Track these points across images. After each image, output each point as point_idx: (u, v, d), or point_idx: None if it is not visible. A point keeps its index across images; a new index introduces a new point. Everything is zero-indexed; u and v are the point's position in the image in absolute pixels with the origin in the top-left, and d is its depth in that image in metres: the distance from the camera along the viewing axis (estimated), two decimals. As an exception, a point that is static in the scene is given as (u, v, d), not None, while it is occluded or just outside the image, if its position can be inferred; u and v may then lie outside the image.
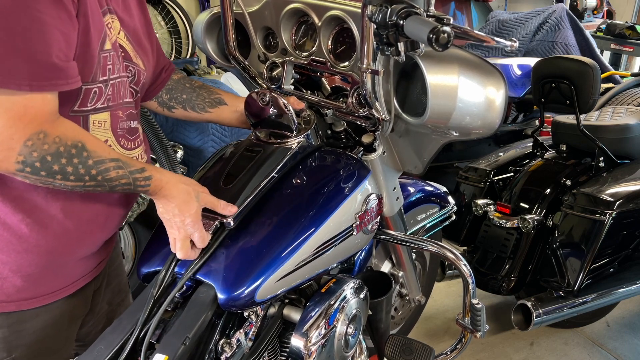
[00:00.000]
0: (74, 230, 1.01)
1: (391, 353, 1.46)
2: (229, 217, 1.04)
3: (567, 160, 2.39)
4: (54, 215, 0.98)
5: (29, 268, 0.99)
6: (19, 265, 0.97)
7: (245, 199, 1.07)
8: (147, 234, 2.22)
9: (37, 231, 0.96)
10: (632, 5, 5.85)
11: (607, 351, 2.35)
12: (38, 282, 1.01)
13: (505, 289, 2.24)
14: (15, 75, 0.79)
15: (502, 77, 1.10)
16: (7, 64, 0.78)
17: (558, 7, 4.01)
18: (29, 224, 0.95)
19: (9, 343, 1.03)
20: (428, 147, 1.28)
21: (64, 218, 0.99)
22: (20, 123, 0.81)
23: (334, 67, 1.25)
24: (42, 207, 0.96)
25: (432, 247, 1.44)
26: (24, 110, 0.81)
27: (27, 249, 0.97)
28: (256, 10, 1.33)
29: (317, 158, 1.22)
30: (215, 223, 1.04)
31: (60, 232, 0.99)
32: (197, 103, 1.30)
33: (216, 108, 1.31)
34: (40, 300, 1.03)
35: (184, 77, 1.32)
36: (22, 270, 0.98)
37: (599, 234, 2.05)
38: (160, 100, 1.29)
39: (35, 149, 0.82)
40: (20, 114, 0.81)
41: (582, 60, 2.27)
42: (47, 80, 0.82)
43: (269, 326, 1.14)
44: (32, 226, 0.96)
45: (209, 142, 2.50)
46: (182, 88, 1.30)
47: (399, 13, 0.96)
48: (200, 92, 1.31)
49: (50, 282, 1.04)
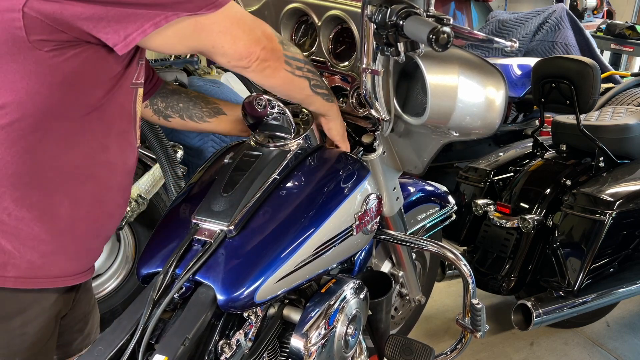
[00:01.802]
0: (83, 220, 1.02)
1: (391, 353, 1.46)
2: (230, 226, 1.04)
3: (567, 160, 2.39)
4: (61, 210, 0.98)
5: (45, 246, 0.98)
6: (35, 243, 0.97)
7: (245, 206, 1.07)
8: (147, 234, 2.22)
9: (46, 221, 0.97)
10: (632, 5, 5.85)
11: (607, 351, 2.35)
12: (51, 263, 1.01)
13: (505, 289, 2.24)
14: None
15: (502, 77, 1.10)
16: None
17: (558, 7, 4.01)
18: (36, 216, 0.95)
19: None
20: (428, 147, 1.28)
21: (72, 209, 0.99)
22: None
23: (333, 67, 1.25)
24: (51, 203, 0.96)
25: (432, 247, 1.44)
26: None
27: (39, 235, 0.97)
28: (256, 10, 1.33)
29: (317, 158, 1.22)
30: (217, 230, 1.04)
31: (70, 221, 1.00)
32: (194, 112, 1.29)
33: (215, 118, 1.31)
34: (48, 282, 1.02)
35: (178, 88, 1.32)
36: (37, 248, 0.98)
37: (599, 234, 2.05)
38: (156, 108, 1.29)
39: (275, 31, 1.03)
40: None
41: (582, 60, 2.27)
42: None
43: (269, 327, 1.14)
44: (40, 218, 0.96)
45: (209, 142, 2.50)
46: (178, 97, 1.30)
47: (399, 13, 0.96)
48: (197, 102, 1.30)
49: (58, 266, 1.03)
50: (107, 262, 2.30)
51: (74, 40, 0.85)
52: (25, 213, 0.94)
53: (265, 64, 1.01)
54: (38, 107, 0.88)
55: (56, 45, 0.84)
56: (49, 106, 0.88)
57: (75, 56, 0.87)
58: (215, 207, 1.07)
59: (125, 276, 2.31)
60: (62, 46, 0.85)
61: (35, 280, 0.99)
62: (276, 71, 1.05)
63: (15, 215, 0.93)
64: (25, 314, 1.01)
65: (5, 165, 0.90)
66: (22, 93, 0.85)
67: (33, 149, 0.91)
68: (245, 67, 1.01)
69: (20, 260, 0.96)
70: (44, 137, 0.91)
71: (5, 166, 0.90)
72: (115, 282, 2.30)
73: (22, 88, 0.85)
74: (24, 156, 0.90)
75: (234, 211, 1.05)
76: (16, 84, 0.85)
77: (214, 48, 0.95)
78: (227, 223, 1.04)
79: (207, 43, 0.94)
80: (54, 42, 0.84)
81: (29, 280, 0.98)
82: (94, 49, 0.88)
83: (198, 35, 0.92)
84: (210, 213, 1.07)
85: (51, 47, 0.84)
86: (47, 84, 0.86)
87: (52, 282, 1.02)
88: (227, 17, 0.93)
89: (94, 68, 0.91)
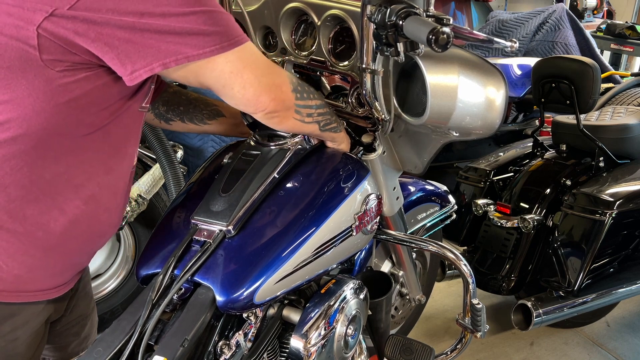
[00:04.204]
0: (74, 237, 1.00)
1: (391, 353, 1.46)
2: (229, 226, 1.04)
3: (567, 160, 2.39)
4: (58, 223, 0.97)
5: (34, 261, 0.97)
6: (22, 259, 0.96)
7: (244, 206, 1.06)
8: (147, 234, 2.22)
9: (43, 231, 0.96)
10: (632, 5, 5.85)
11: (607, 351, 2.35)
12: (36, 277, 1.00)
13: (505, 289, 2.24)
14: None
15: (502, 77, 1.10)
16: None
17: (558, 7, 4.01)
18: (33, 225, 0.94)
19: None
20: (428, 147, 1.28)
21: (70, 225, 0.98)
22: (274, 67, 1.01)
23: (333, 66, 1.24)
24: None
25: (432, 247, 1.44)
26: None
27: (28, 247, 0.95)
28: (255, 9, 1.33)
29: (316, 158, 1.22)
30: (216, 230, 1.04)
31: (63, 236, 0.98)
32: (195, 115, 1.29)
33: (214, 120, 1.31)
34: (31, 296, 1.01)
35: (179, 89, 1.32)
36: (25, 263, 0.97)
37: (599, 234, 2.05)
38: (157, 112, 1.29)
39: (292, 76, 1.03)
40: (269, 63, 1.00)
41: (582, 60, 2.27)
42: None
43: (269, 327, 1.13)
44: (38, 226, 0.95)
45: (209, 142, 2.50)
46: (179, 100, 1.29)
47: (399, 13, 0.96)
48: (197, 104, 1.30)
49: (42, 280, 1.02)
50: (107, 262, 2.30)
51: (86, 63, 0.85)
52: (18, 226, 0.93)
53: (273, 114, 1.01)
54: (42, 125, 0.87)
55: (69, 66, 0.84)
56: (53, 124, 0.88)
57: (87, 78, 0.87)
58: (214, 207, 1.07)
59: (125, 276, 2.30)
60: (75, 67, 0.85)
61: (21, 294, 0.99)
62: (285, 119, 1.04)
63: (7, 228, 0.92)
64: (14, 319, 1.00)
65: (3, 177, 0.89)
66: (28, 109, 0.85)
67: (32, 164, 0.90)
68: (253, 113, 1.00)
69: (7, 274, 0.95)
70: (44, 154, 0.90)
71: (3, 177, 0.89)
72: (115, 282, 2.29)
73: (29, 105, 0.85)
74: (22, 169, 0.89)
75: (232, 211, 1.05)
76: (23, 100, 0.84)
77: (224, 88, 0.94)
78: (225, 223, 1.04)
79: (217, 83, 0.93)
80: (67, 63, 0.83)
81: (14, 294, 0.98)
82: (106, 72, 0.88)
83: (210, 74, 0.91)
84: (209, 213, 1.06)
85: (63, 68, 0.84)
86: (54, 103, 0.86)
87: (35, 296, 1.01)
88: (241, 58, 0.91)
89: (103, 90, 0.90)
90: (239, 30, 0.91)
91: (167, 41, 0.84)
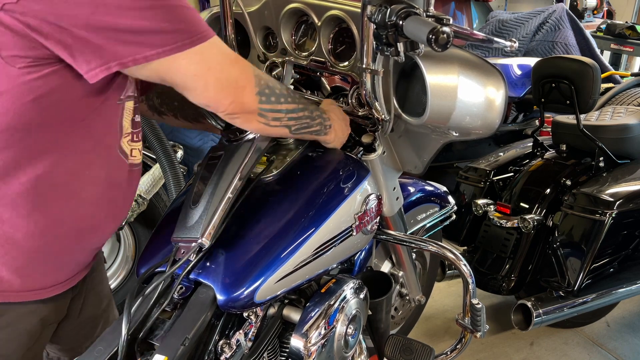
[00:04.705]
0: (65, 236, 0.99)
1: (391, 353, 1.46)
2: (202, 238, 1.01)
3: (567, 160, 2.39)
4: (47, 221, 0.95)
5: (17, 262, 0.95)
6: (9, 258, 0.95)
7: (214, 215, 1.03)
8: (147, 233, 2.22)
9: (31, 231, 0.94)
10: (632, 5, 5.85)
11: (607, 351, 2.35)
12: (24, 278, 0.98)
13: (505, 289, 2.24)
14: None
15: (502, 77, 1.10)
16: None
17: (558, 7, 4.01)
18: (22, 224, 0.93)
19: None
20: (428, 147, 1.28)
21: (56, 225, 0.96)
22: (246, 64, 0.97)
23: (333, 67, 1.25)
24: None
25: (432, 247, 1.44)
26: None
27: (17, 245, 0.94)
28: (256, 10, 1.33)
29: (316, 158, 1.22)
30: (193, 244, 1.01)
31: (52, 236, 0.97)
32: (188, 112, 1.28)
33: (207, 118, 1.30)
34: (13, 296, 0.99)
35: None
36: (9, 264, 0.95)
37: (599, 234, 2.05)
38: (151, 104, 1.27)
39: (261, 78, 0.97)
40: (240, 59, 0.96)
41: (582, 60, 2.27)
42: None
43: (269, 326, 1.14)
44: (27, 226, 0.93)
45: (209, 142, 2.50)
46: (174, 94, 1.27)
47: (399, 13, 0.96)
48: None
49: (32, 280, 1.00)
50: (107, 262, 2.30)
51: (48, 58, 0.81)
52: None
53: (233, 116, 0.97)
54: (11, 124, 0.84)
55: (31, 62, 0.80)
56: (24, 123, 0.84)
57: (53, 73, 0.82)
58: (187, 222, 1.04)
59: (125, 276, 2.31)
60: (38, 63, 0.80)
61: (3, 293, 0.97)
62: (247, 122, 1.00)
63: None
64: (2, 318, 0.99)
65: None
66: None
67: (6, 164, 0.87)
68: (215, 112, 0.98)
69: None
70: (19, 153, 0.87)
71: None
72: (115, 282, 2.29)
73: None
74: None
75: (201, 223, 1.02)
76: None
77: (185, 87, 0.91)
78: (197, 237, 1.01)
79: (179, 82, 0.90)
80: (29, 59, 0.79)
81: (3, 293, 0.96)
82: (71, 67, 0.83)
83: (173, 73, 0.87)
84: (184, 230, 1.04)
85: (25, 64, 0.80)
86: (20, 102, 0.82)
87: (19, 296, 0.99)
88: (203, 57, 0.88)
89: (74, 84, 0.86)
90: (203, 26, 0.87)
91: (123, 40, 0.80)
